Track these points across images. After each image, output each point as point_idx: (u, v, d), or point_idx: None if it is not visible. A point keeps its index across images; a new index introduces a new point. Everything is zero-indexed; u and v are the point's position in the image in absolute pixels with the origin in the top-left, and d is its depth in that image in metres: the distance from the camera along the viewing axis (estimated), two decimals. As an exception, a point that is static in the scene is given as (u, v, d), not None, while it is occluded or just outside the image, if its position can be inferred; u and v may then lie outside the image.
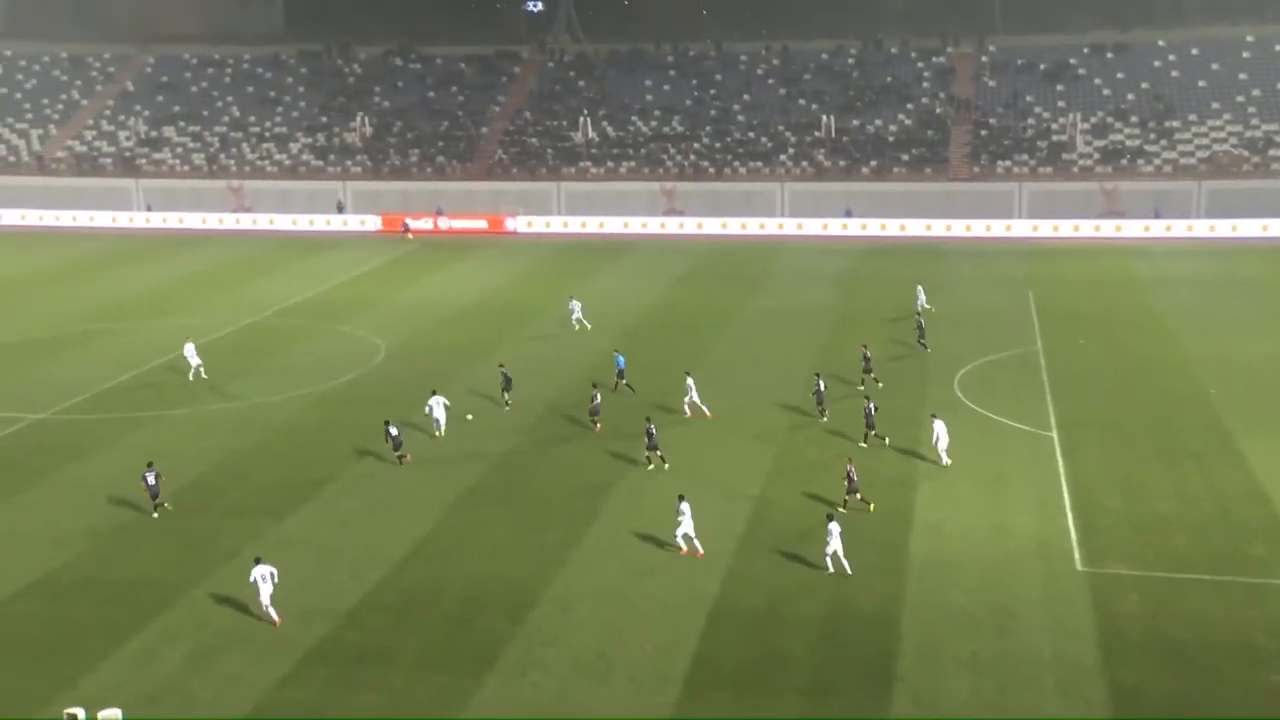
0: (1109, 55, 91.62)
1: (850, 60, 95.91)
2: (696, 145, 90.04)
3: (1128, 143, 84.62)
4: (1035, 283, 64.72)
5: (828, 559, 30.15)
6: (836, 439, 39.78)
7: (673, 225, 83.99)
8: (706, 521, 32.97)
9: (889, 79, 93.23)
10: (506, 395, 43.78)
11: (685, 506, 31.55)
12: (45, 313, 60.38)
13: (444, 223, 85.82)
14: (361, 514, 34.56)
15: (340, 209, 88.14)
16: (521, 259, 74.87)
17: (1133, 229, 78.05)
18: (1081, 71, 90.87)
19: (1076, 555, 30.93)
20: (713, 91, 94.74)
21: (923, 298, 56.82)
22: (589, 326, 54.61)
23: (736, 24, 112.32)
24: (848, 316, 57.71)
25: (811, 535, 32.33)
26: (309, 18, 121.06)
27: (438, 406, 40.88)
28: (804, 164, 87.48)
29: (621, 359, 45.97)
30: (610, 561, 31.24)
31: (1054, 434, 40.12)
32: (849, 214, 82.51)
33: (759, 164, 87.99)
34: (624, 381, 45.13)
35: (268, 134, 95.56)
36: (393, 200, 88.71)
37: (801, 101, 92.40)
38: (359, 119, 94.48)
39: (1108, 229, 78.58)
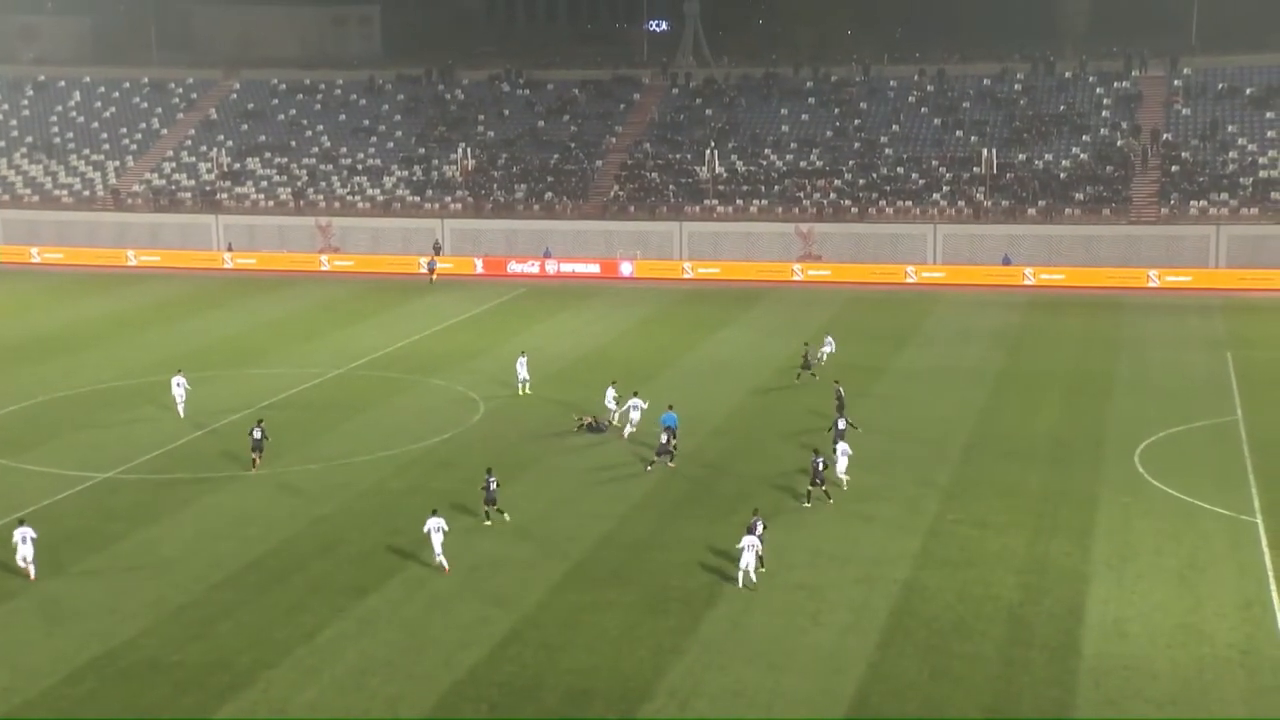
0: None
1: (1017, 86, 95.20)
2: (837, 182, 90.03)
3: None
4: (1235, 342, 63.02)
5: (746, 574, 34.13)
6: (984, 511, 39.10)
7: (809, 272, 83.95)
8: (843, 613, 32.68)
9: (1062, 107, 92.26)
10: (662, 456, 44.80)
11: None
12: (117, 360, 62.74)
13: (552, 266, 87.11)
14: (456, 591, 34.99)
15: (438, 249, 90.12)
16: (637, 307, 75.53)
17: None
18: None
19: (1287, 665, 29.81)
20: (857, 121, 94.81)
21: (828, 348, 58.39)
22: (529, 392, 54.65)
23: (886, 45, 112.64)
24: (1011, 377, 56.84)
25: (966, 628, 31.79)
26: (409, 39, 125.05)
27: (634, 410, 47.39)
28: (960, 204, 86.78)
29: (673, 417, 45.98)
30: (734, 652, 31.06)
31: (1259, 519, 38.83)
32: (1006, 261, 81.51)
33: (908, 203, 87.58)
34: (674, 441, 45.25)
35: (360, 166, 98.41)
36: (496, 241, 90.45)
37: (959, 133, 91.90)
38: (460, 150, 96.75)
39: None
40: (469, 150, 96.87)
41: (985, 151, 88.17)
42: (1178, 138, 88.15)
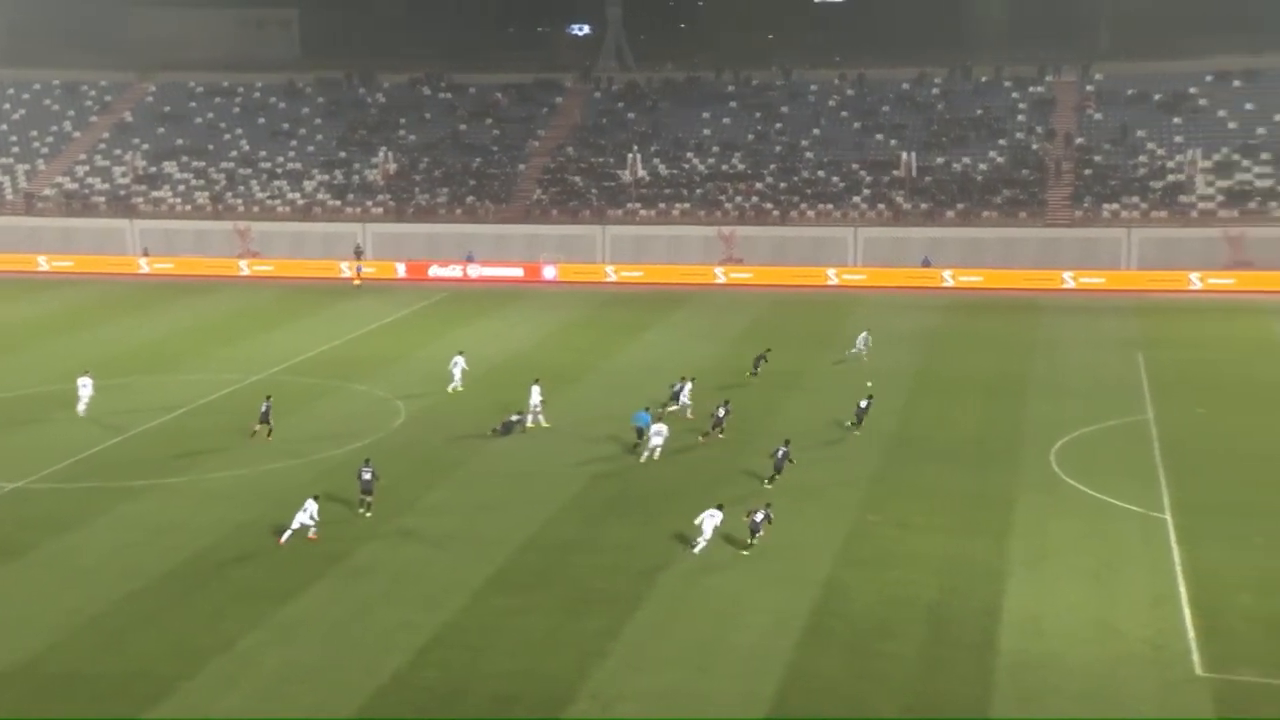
0: (1236, 83, 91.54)
1: (935, 90, 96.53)
2: (759, 185, 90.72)
3: (1257, 183, 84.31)
4: (1146, 342, 64.40)
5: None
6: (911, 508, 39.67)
7: (732, 275, 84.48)
8: (765, 614, 33.02)
9: (979, 111, 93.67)
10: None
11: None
12: (30, 367, 61.64)
13: (474, 270, 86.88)
14: (380, 596, 34.85)
15: (359, 254, 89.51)
16: (561, 311, 75.58)
17: (1264, 282, 77.44)
18: (1203, 102, 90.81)
19: (1196, 659, 30.53)
20: (778, 125, 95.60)
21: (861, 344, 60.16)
22: (461, 390, 55.04)
23: (806, 50, 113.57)
24: (930, 379, 57.65)
25: (887, 627, 32.23)
26: (328, 42, 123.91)
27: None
28: (880, 207, 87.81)
29: (645, 416, 47.39)
30: (658, 655, 31.24)
31: (1168, 517, 39.75)
32: (926, 263, 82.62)
33: (829, 206, 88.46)
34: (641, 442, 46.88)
35: (280, 170, 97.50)
36: (418, 245, 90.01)
37: (879, 136, 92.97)
38: (382, 154, 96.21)
39: (1232, 282, 78.05)
40: (390, 154, 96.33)
41: (905, 155, 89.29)
42: (1090, 142, 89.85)
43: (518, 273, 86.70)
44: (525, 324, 72.17)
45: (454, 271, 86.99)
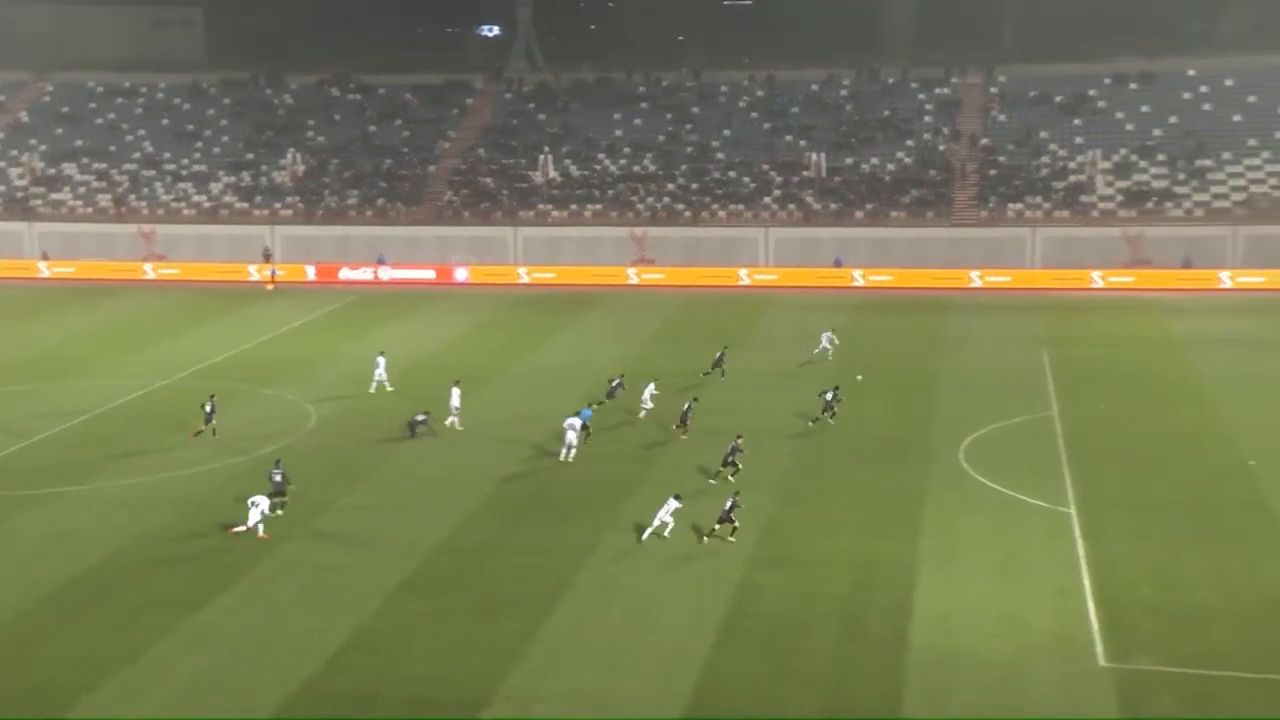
0: (1133, 86, 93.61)
1: (843, 91, 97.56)
2: (671, 186, 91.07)
3: (1154, 183, 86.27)
4: (1051, 340, 65.61)
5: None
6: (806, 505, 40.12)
7: (644, 276, 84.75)
8: (680, 614, 33.22)
9: (887, 112, 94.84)
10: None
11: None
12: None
13: (385, 273, 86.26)
14: (291, 602, 34.51)
15: (268, 257, 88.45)
16: (473, 313, 75.27)
17: (1161, 280, 79.34)
18: (1102, 104, 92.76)
19: (1099, 650, 31.23)
20: (689, 126, 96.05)
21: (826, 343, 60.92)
22: (389, 389, 55.19)
23: (716, 51, 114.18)
24: (839, 378, 58.28)
25: (801, 625, 32.57)
26: (233, 42, 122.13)
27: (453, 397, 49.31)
28: (791, 207, 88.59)
29: (588, 412, 48.28)
30: (573, 656, 31.29)
31: (1073, 511, 40.59)
32: (838, 263, 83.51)
33: (740, 207, 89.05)
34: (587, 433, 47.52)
35: (185, 172, 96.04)
36: (328, 247, 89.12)
37: (789, 137, 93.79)
38: (290, 156, 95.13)
39: (1132, 280, 79.84)
40: (298, 156, 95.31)
41: (814, 156, 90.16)
42: (995, 143, 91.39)
43: (429, 275, 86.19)
44: (437, 326, 71.79)
45: (365, 274, 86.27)
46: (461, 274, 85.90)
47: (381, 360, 56.55)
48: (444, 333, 69.97)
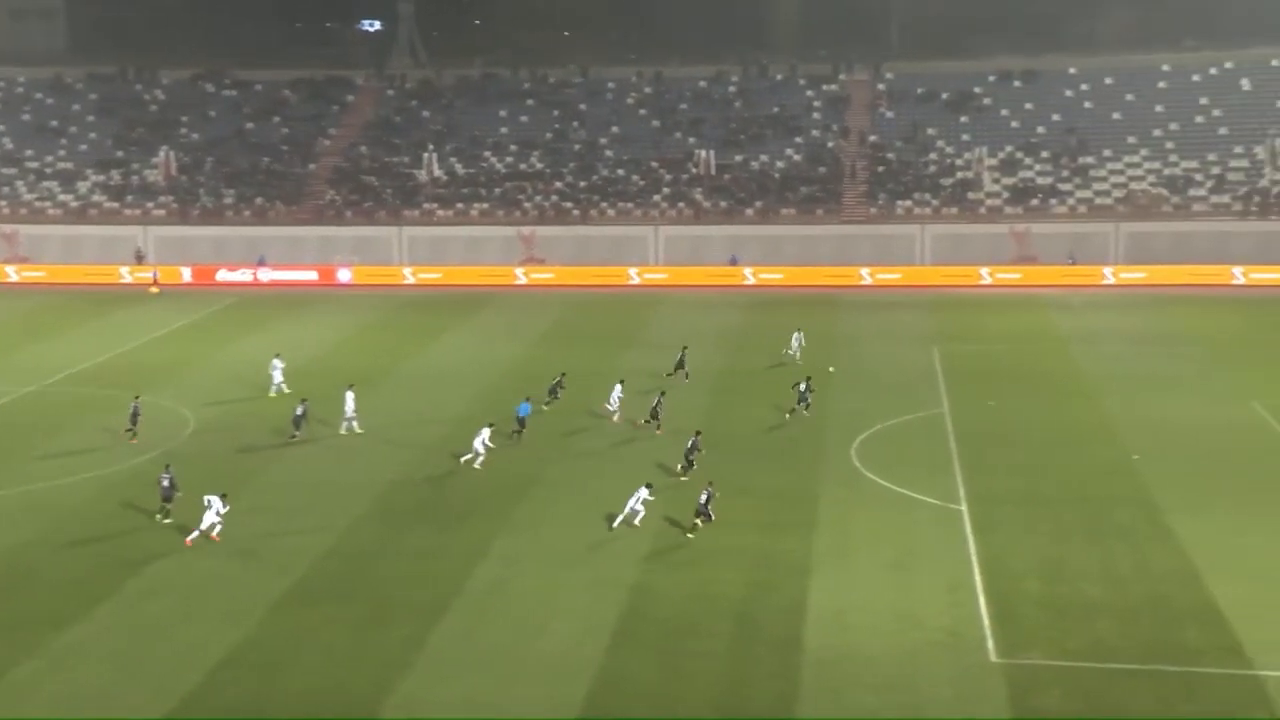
0: (1017, 84, 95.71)
1: (732, 88, 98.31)
2: (559, 184, 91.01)
3: (1039, 180, 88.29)
4: (941, 337, 66.81)
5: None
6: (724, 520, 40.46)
7: (533, 275, 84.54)
8: (573, 619, 33.22)
9: (775, 109, 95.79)
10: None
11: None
12: None
13: (266, 274, 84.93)
14: (170, 615, 33.80)
15: (140, 258, 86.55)
16: (357, 315, 74.52)
17: (1047, 276, 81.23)
18: (987, 101, 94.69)
19: (991, 645, 31.86)
20: (576, 124, 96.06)
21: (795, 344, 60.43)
22: (287, 391, 54.75)
23: (603, 47, 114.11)
24: (733, 377, 58.70)
25: (696, 627, 32.74)
26: (99, 35, 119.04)
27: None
28: (680, 205, 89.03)
29: (526, 406, 48.60)
30: (464, 664, 31.12)
31: (964, 508, 41.36)
32: (734, 261, 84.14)
33: (630, 205, 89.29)
34: (523, 430, 48.24)
35: (49, 170, 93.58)
36: (204, 248, 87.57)
37: (677, 135, 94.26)
38: (163, 154, 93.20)
39: (1019, 276, 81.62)
40: (172, 153, 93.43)
41: (703, 153, 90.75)
42: (883, 140, 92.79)
43: (311, 276, 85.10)
44: (322, 329, 70.89)
45: (244, 275, 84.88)
46: (345, 275, 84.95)
47: (279, 363, 55.74)
48: (329, 335, 69.11)
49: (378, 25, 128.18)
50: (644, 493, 39.35)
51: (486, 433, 46.01)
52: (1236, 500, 41.71)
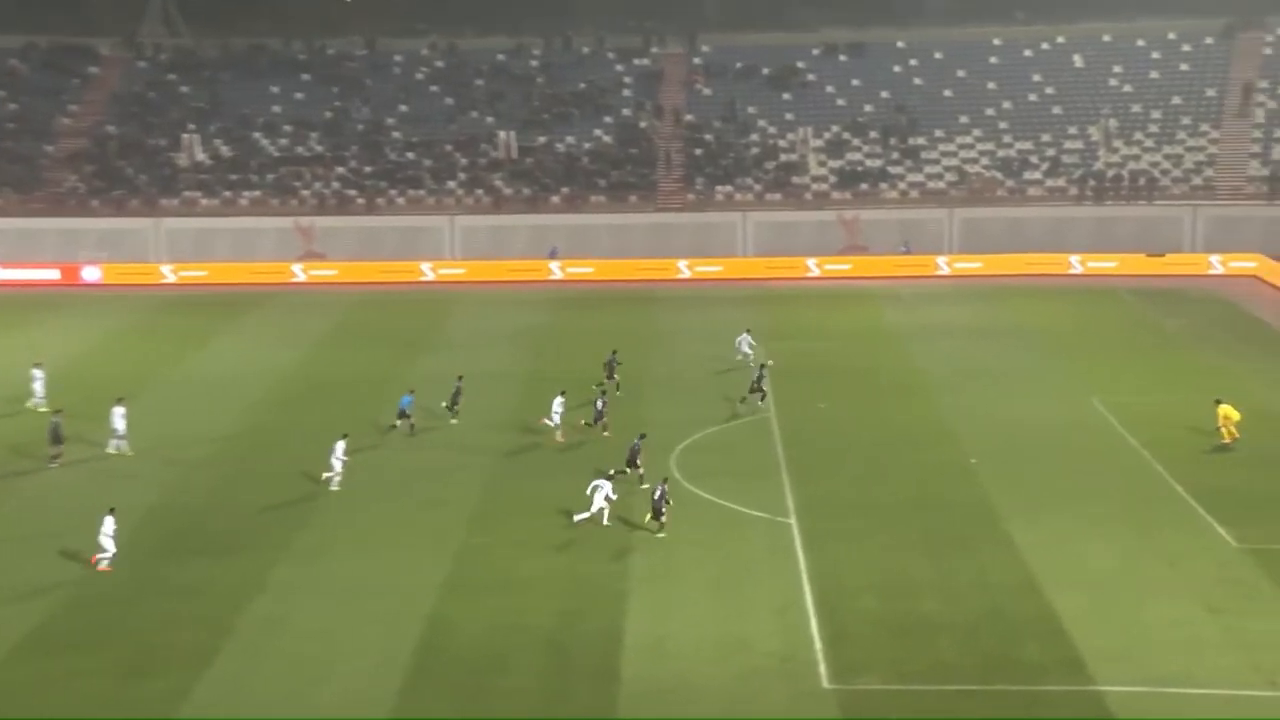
0: (842, 58, 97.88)
1: (534, 62, 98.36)
2: (340, 170, 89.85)
3: (868, 163, 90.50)
4: (767, 334, 67.64)
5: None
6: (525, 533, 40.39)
7: (313, 272, 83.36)
8: (362, 657, 32.79)
9: (582, 85, 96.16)
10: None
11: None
12: None
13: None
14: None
15: None
16: (108, 319, 72.61)
17: (879, 267, 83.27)
18: (811, 77, 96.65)
19: (823, 670, 32.42)
20: (360, 101, 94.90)
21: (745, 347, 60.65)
22: (43, 409, 53.27)
23: (389, 16, 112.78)
24: (541, 381, 58.67)
25: (501, 661, 32.61)
26: None
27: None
28: (479, 192, 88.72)
29: (408, 399, 50.08)
30: (235, 715, 30.44)
31: (793, 520, 42.06)
32: (554, 253, 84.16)
33: (422, 193, 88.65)
34: (410, 420, 50.10)
35: None
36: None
37: (474, 114, 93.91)
38: None
39: (849, 267, 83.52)
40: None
41: (503, 134, 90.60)
42: (700, 119, 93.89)
43: (52, 275, 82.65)
44: (67, 336, 68.69)
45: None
46: (92, 273, 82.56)
47: (39, 373, 54.12)
48: (75, 343, 67.04)
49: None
50: (605, 485, 41.01)
51: (341, 446, 44.93)
52: (1076, 504, 43.33)
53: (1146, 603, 35.94)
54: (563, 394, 50.73)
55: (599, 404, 50.91)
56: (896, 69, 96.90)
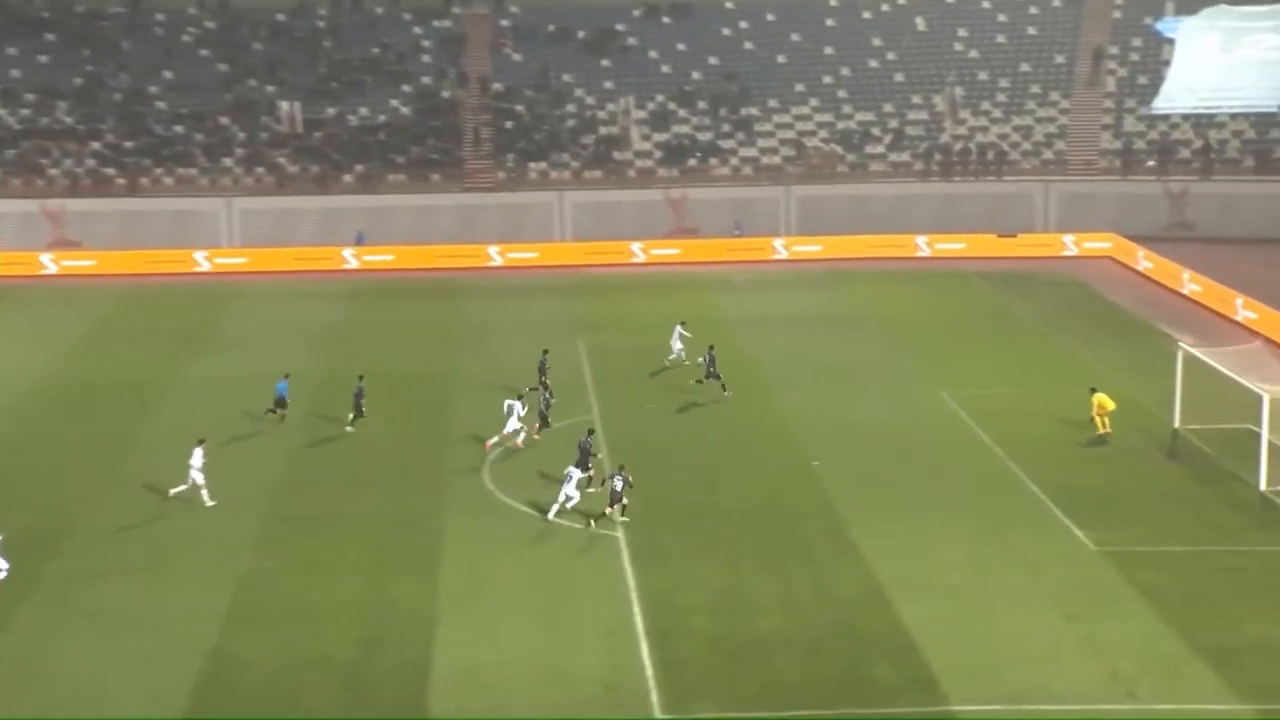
0: (666, 20, 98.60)
1: (320, 23, 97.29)
2: (96, 145, 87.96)
3: (697, 136, 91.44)
4: (588, 327, 68.19)
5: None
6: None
7: (65, 262, 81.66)
8: (130, 701, 32.21)
9: (376, 50, 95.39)
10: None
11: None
12: None
13: None
14: None
15: None
16: None
17: (710, 251, 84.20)
18: (632, 41, 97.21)
19: (655, 699, 32.74)
20: (116, 66, 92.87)
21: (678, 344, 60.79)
22: None
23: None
24: (336, 383, 58.21)
25: (293, 698, 32.35)
26: None
27: None
28: (260, 171, 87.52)
29: (283, 385, 51.91)
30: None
31: (620, 534, 42.38)
32: (360, 239, 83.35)
33: (193, 172, 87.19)
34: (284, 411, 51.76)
35: None
36: None
37: (252, 82, 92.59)
38: None
39: (678, 252, 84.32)
40: None
41: (286, 105, 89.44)
42: (510, 88, 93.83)
43: None
44: None
45: None
46: None
47: None
48: None
49: None
50: (575, 473, 42.96)
51: (199, 453, 43.99)
52: (926, 507, 44.49)
53: (1001, 612, 37.09)
54: (520, 398, 51.04)
55: (541, 406, 51.56)
56: (726, 32, 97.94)
